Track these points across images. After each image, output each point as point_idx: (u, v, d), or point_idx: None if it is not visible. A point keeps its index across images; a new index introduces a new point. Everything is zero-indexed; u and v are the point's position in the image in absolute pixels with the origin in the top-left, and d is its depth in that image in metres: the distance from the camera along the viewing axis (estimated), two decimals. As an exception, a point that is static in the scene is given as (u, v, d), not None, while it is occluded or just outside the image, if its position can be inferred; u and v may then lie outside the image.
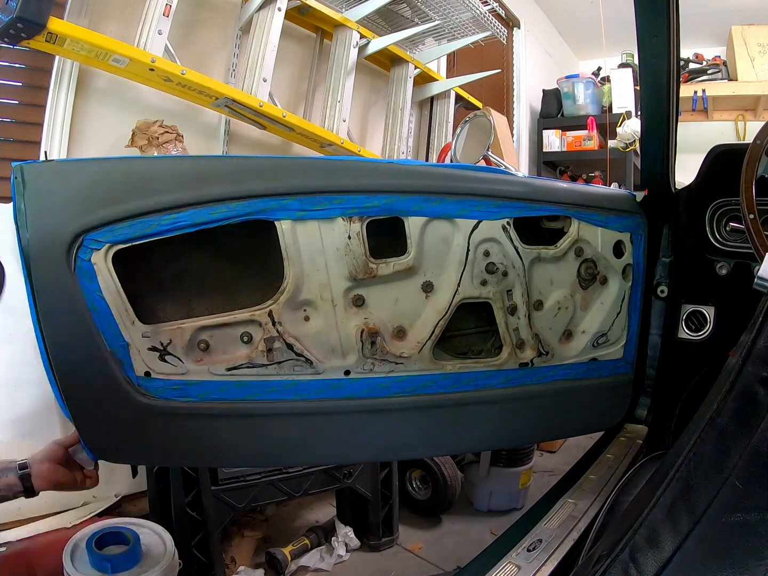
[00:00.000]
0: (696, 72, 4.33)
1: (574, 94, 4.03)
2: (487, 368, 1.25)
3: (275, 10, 2.03)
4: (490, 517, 2.15)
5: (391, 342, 1.15)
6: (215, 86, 1.87)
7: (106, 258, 0.94)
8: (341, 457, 1.33)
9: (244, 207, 1.00)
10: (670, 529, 0.57)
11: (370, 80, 2.77)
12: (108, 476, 1.66)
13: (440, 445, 1.32)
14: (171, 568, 1.22)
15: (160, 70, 1.72)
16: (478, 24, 2.70)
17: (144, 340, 0.99)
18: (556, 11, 4.38)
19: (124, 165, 1.00)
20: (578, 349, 1.38)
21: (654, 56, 1.40)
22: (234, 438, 1.10)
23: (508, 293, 1.25)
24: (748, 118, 4.27)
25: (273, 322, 1.05)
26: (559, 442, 2.79)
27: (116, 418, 1.01)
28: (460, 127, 1.61)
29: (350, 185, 1.08)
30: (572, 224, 1.32)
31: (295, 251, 1.04)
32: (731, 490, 0.55)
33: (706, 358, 1.50)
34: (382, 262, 1.12)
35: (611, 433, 1.57)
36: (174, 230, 0.97)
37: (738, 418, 0.58)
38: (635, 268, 1.45)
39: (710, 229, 1.50)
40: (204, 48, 2.09)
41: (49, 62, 1.67)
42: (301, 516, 2.10)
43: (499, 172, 1.34)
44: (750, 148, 1.16)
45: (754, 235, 1.10)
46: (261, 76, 1.99)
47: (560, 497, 1.22)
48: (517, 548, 1.03)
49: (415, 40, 2.75)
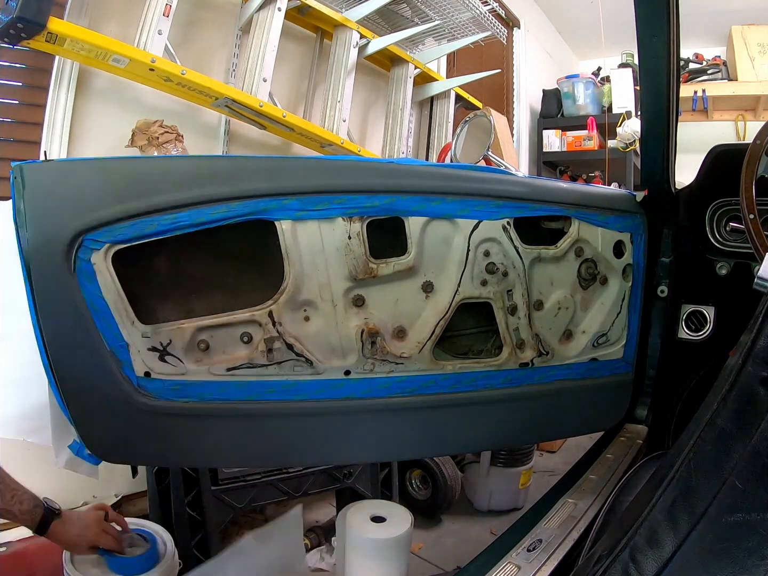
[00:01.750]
0: (696, 72, 4.33)
1: (574, 94, 4.03)
2: (488, 368, 1.25)
3: (275, 10, 2.03)
4: (490, 517, 2.15)
5: (391, 342, 1.15)
6: (215, 86, 1.86)
7: (106, 258, 0.94)
8: (341, 458, 1.33)
9: (244, 207, 1.00)
10: (670, 529, 0.57)
11: (370, 80, 2.77)
12: (108, 476, 1.66)
13: (440, 445, 1.32)
14: (171, 568, 1.22)
15: (160, 70, 1.72)
16: (478, 24, 2.70)
17: (144, 340, 0.99)
18: (556, 11, 4.38)
19: (123, 165, 1.00)
20: (578, 349, 1.38)
21: (654, 56, 1.40)
22: (234, 438, 1.10)
23: (508, 293, 1.25)
24: (748, 118, 4.26)
25: (273, 322, 1.05)
26: (559, 442, 2.79)
27: (116, 419, 1.01)
28: (460, 127, 1.60)
29: (350, 185, 1.08)
30: (572, 224, 1.32)
31: (295, 251, 1.04)
32: (731, 490, 0.55)
33: (706, 358, 1.50)
34: (382, 262, 1.12)
35: (611, 433, 1.57)
36: (174, 230, 0.97)
37: (738, 418, 0.58)
38: (635, 268, 1.45)
39: (710, 229, 1.50)
40: (204, 48, 2.09)
41: (49, 62, 1.67)
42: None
43: (500, 172, 1.34)
44: (750, 148, 1.16)
45: (754, 235, 1.10)
46: (261, 76, 1.99)
47: (560, 497, 1.22)
48: (517, 548, 1.03)
49: (415, 40, 2.75)
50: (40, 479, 1.54)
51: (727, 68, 4.28)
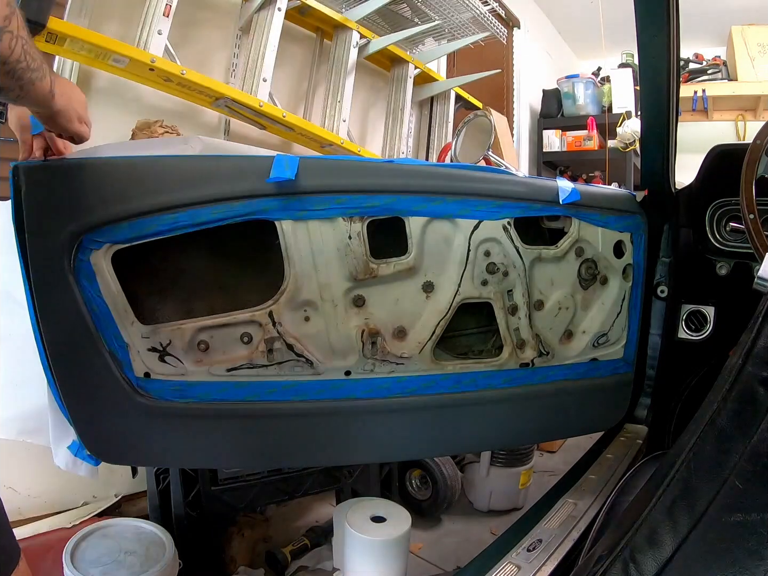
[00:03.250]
0: (696, 72, 4.33)
1: (574, 94, 4.03)
2: (488, 368, 1.25)
3: (275, 10, 2.03)
4: (490, 517, 2.15)
5: (391, 342, 1.15)
6: (215, 86, 1.86)
7: (106, 258, 0.94)
8: (341, 458, 1.33)
9: (244, 207, 1.00)
10: (670, 529, 0.57)
11: (370, 80, 2.77)
12: (108, 476, 1.66)
13: (440, 445, 1.32)
14: (171, 568, 1.22)
15: (160, 70, 1.72)
16: (478, 24, 2.69)
17: (144, 340, 0.99)
18: (556, 11, 4.38)
19: (123, 165, 1.00)
20: (579, 349, 1.38)
21: (654, 56, 1.40)
22: (234, 439, 1.10)
23: (508, 293, 1.25)
24: (748, 118, 4.26)
25: (273, 322, 1.05)
26: (559, 442, 2.79)
27: (116, 419, 1.01)
28: (460, 127, 1.61)
29: (351, 185, 1.08)
30: (573, 224, 1.32)
31: (295, 251, 1.04)
32: (731, 490, 0.55)
33: (706, 358, 1.51)
34: (382, 262, 1.12)
35: (611, 433, 1.57)
36: (174, 230, 0.97)
37: (738, 418, 0.58)
38: (635, 268, 1.45)
39: (710, 229, 1.50)
40: (204, 48, 2.08)
41: (49, 62, 1.67)
42: (301, 516, 2.10)
43: (500, 172, 1.34)
44: (750, 148, 1.16)
45: (754, 235, 1.10)
46: (261, 76, 1.99)
47: (560, 497, 1.22)
48: (517, 548, 1.04)
49: (415, 40, 2.75)
50: (39, 479, 1.55)
51: (727, 68, 4.28)
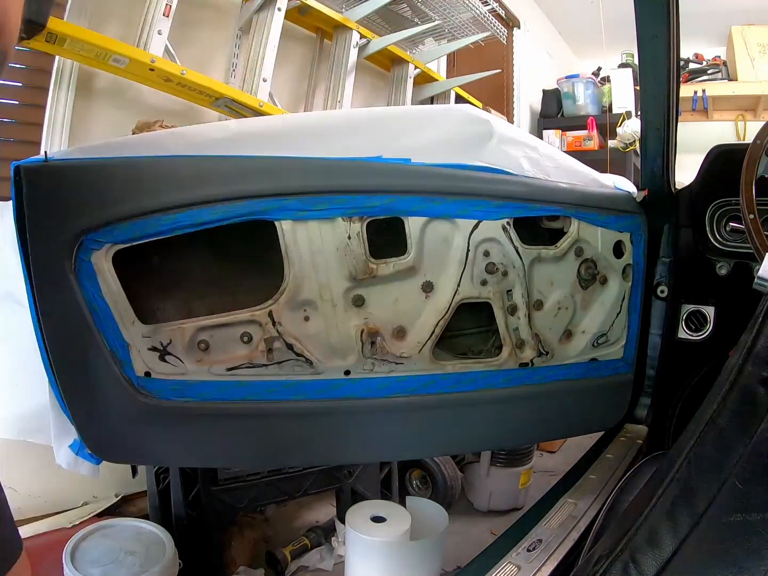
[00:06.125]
0: (696, 72, 4.34)
1: (574, 94, 4.03)
2: (488, 368, 1.25)
3: (275, 10, 2.03)
4: (490, 517, 2.15)
5: (391, 342, 1.15)
6: (215, 86, 1.87)
7: (106, 258, 0.94)
8: (341, 458, 1.33)
9: (244, 207, 1.00)
10: (670, 529, 0.57)
11: (370, 80, 2.77)
12: (108, 476, 1.66)
13: (440, 445, 1.32)
14: (171, 568, 1.22)
15: (160, 70, 1.72)
16: (478, 24, 2.70)
17: (144, 340, 0.99)
18: (556, 11, 4.38)
19: (124, 165, 1.00)
20: (578, 349, 1.38)
21: (654, 56, 1.40)
22: (234, 438, 1.10)
23: (508, 293, 1.25)
24: (748, 118, 4.27)
25: (273, 322, 1.05)
26: (559, 442, 2.79)
27: (116, 419, 1.01)
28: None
29: (350, 185, 1.08)
30: (572, 224, 1.32)
31: (295, 251, 1.04)
32: (731, 490, 0.54)
33: (706, 358, 1.50)
34: (382, 262, 1.12)
35: (611, 433, 1.57)
36: (174, 230, 0.97)
37: (738, 418, 0.58)
38: (635, 268, 1.45)
39: (710, 229, 1.50)
40: (204, 48, 2.09)
41: (49, 62, 1.67)
42: (301, 516, 2.10)
43: (500, 172, 1.34)
44: (750, 148, 1.16)
45: (754, 235, 1.10)
46: (261, 76, 1.99)
47: (560, 497, 1.22)
48: (517, 548, 1.03)
49: (415, 40, 2.76)
50: (39, 479, 1.55)
51: (727, 68, 4.28)
